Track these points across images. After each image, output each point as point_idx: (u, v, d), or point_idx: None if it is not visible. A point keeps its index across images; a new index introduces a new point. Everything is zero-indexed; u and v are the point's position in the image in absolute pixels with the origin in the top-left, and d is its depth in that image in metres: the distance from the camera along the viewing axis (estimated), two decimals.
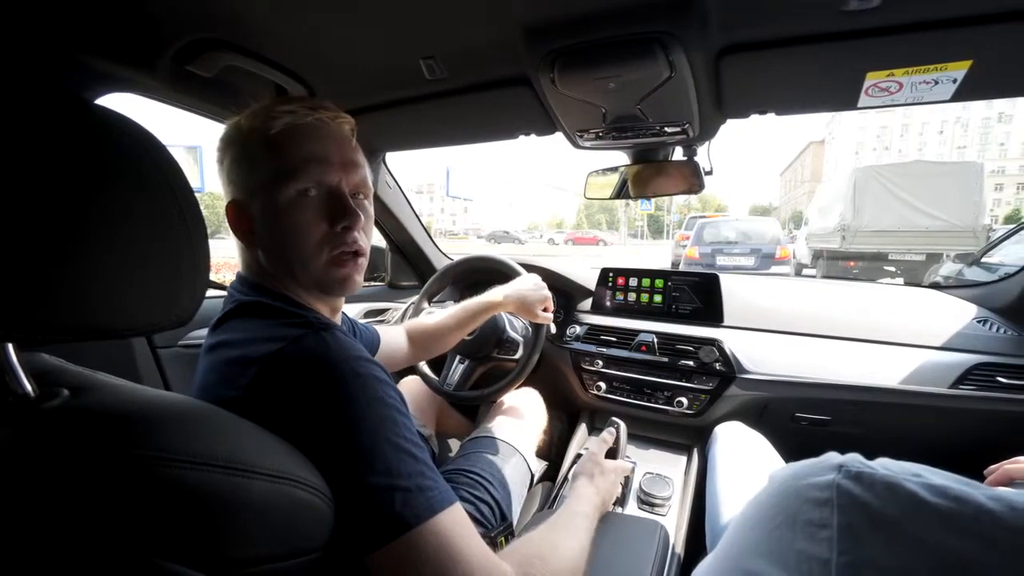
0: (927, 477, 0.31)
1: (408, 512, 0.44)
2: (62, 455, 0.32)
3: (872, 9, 0.61)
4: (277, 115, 0.55)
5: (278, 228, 0.56)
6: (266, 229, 0.57)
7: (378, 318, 1.63)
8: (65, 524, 0.32)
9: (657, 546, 0.84)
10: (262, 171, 0.55)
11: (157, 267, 0.37)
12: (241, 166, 0.57)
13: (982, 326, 1.16)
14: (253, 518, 0.37)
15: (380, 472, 0.45)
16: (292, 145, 0.55)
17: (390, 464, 0.45)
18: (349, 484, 0.44)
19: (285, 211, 0.55)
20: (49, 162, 0.32)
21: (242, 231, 0.58)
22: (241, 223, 0.58)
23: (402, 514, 0.44)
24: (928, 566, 0.28)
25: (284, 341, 0.49)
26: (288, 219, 0.55)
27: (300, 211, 0.55)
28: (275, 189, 0.54)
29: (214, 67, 0.81)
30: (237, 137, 0.57)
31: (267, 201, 0.55)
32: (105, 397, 0.38)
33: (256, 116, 0.57)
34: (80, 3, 0.64)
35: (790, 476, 0.38)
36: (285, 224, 0.55)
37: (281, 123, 0.55)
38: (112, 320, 0.35)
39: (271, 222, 0.56)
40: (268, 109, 0.56)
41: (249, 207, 0.57)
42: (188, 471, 0.34)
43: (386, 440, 0.46)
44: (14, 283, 0.30)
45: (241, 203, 0.57)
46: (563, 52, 0.74)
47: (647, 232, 56.66)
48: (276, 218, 0.55)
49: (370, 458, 0.45)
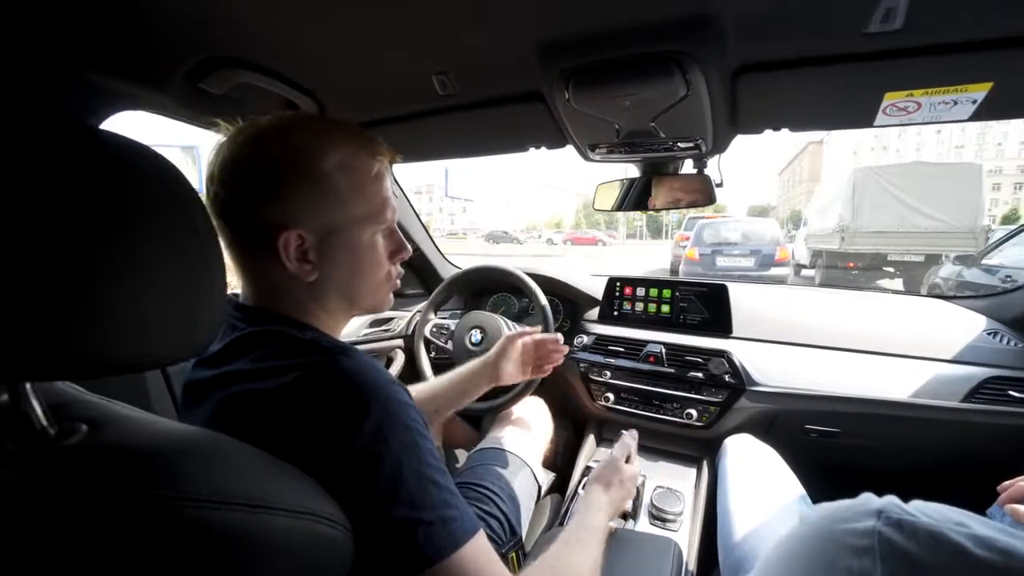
0: (971, 527, 0.31)
1: (431, 547, 0.44)
2: (82, 497, 0.32)
3: (893, 31, 0.61)
4: (370, 155, 0.57)
5: (352, 264, 0.58)
6: (334, 263, 0.56)
7: (383, 327, 1.63)
8: (84, 568, 0.31)
9: (671, 565, 0.83)
10: (352, 210, 0.56)
11: (175, 296, 0.36)
12: (323, 200, 0.54)
13: (993, 338, 1.15)
14: (276, 556, 0.37)
15: (403, 504, 0.44)
16: (375, 189, 0.58)
17: (413, 496, 0.45)
18: (371, 516, 0.44)
19: (366, 248, 0.58)
20: (60, 194, 0.31)
21: (298, 260, 0.54)
22: (297, 253, 0.54)
23: (424, 548, 0.44)
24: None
25: (306, 367, 0.48)
26: (367, 256, 0.59)
27: (377, 249, 0.60)
28: (359, 229, 0.57)
29: (226, 84, 0.80)
30: (313, 170, 0.54)
31: (346, 238, 0.56)
32: (125, 433, 0.38)
33: (330, 151, 0.54)
34: (96, 22, 0.63)
35: (826, 519, 0.37)
36: (362, 260, 0.58)
37: (373, 169, 0.57)
38: (131, 354, 0.34)
39: (345, 257, 0.57)
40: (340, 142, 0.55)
41: (312, 238, 0.54)
42: (212, 511, 0.34)
43: (410, 469, 0.46)
44: (29, 321, 0.30)
45: (301, 234, 0.54)
46: (578, 70, 0.73)
47: (646, 232, 56.69)
48: (353, 254, 0.57)
49: (394, 490, 0.44)
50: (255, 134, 0.54)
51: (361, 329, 1.57)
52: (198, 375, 0.55)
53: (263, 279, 0.57)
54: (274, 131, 0.54)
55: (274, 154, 0.53)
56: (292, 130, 0.55)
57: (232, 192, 0.53)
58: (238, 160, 0.53)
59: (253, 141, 0.54)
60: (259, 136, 0.54)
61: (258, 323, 0.55)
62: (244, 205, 0.53)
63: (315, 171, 0.54)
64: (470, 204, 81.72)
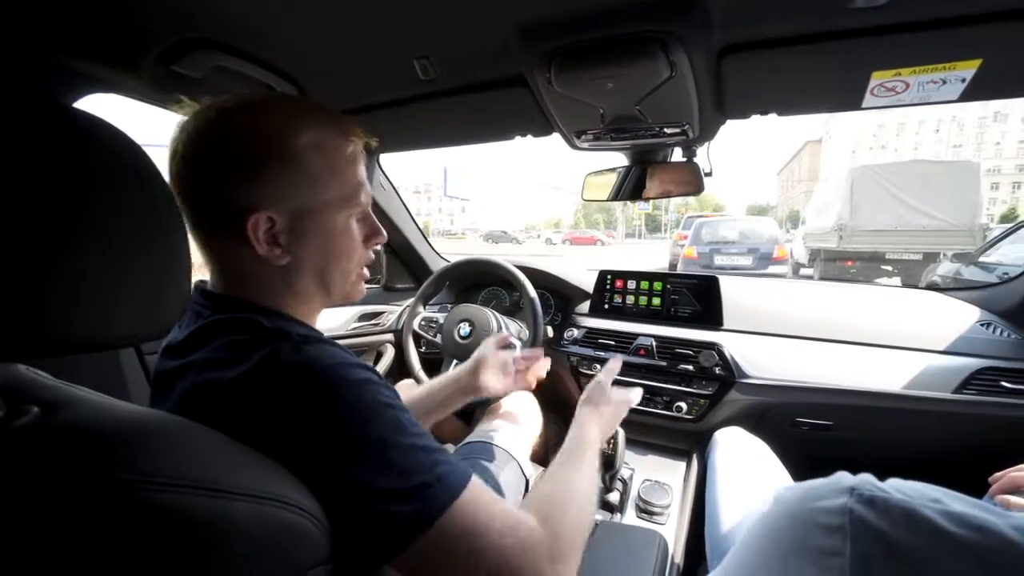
0: (946, 504, 0.30)
1: (430, 507, 0.43)
2: (35, 479, 0.30)
3: (878, 7, 0.59)
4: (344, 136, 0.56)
5: (326, 248, 0.56)
6: (305, 247, 0.54)
7: (373, 321, 1.61)
8: (33, 553, 0.30)
9: (656, 557, 0.82)
10: (326, 192, 0.54)
11: (139, 274, 0.35)
12: (296, 182, 0.52)
13: (985, 330, 1.14)
14: (238, 541, 0.35)
15: (396, 476, 0.43)
16: (350, 171, 0.56)
17: (404, 466, 0.44)
18: (363, 497, 0.42)
19: (339, 233, 0.56)
20: (25, 169, 0.30)
21: (268, 244, 0.52)
22: (267, 236, 0.52)
23: (423, 511, 0.43)
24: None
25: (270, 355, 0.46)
26: (340, 241, 0.57)
27: (350, 234, 0.58)
28: (333, 212, 0.55)
29: (202, 67, 0.78)
30: (285, 150, 0.52)
31: (320, 222, 0.54)
32: (80, 414, 0.36)
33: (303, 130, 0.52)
34: (61, 2, 0.62)
35: (799, 498, 0.36)
36: (335, 245, 0.56)
37: (347, 150, 0.55)
38: (96, 332, 0.33)
39: (318, 241, 0.55)
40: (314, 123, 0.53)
41: (284, 221, 0.52)
42: (173, 495, 0.32)
43: (395, 444, 0.45)
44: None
45: (272, 216, 0.52)
46: (560, 52, 0.72)
47: (644, 231, 56.78)
48: (326, 238, 0.55)
49: (384, 467, 0.44)
50: (223, 111, 0.52)
51: (350, 323, 1.56)
52: (165, 365, 0.53)
53: (230, 263, 0.54)
54: (243, 109, 0.52)
55: (244, 132, 0.51)
56: (263, 108, 0.53)
57: (198, 171, 0.51)
58: (204, 137, 0.51)
59: (221, 118, 0.51)
60: (227, 113, 0.52)
61: (224, 310, 0.52)
62: (211, 185, 0.51)
63: (287, 150, 0.52)
64: (468, 204, 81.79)
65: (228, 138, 0.51)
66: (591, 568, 0.66)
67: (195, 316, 0.54)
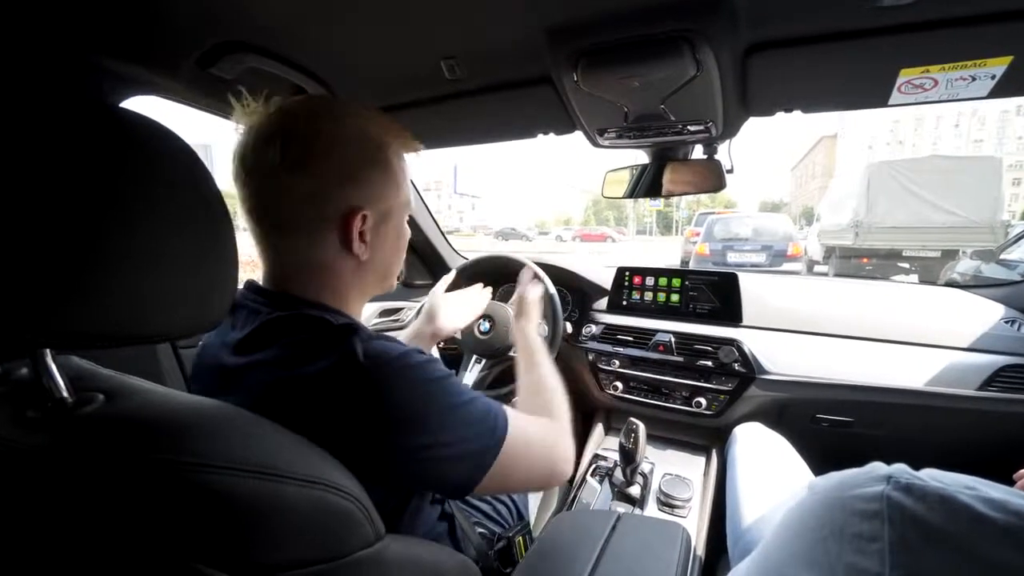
0: (982, 490, 0.31)
1: (499, 435, 0.53)
2: (100, 461, 0.33)
3: (907, 5, 0.59)
4: (410, 148, 0.61)
5: (396, 244, 0.63)
6: (384, 243, 0.60)
7: (392, 317, 1.64)
8: (102, 528, 0.33)
9: (680, 549, 0.83)
10: (402, 196, 0.60)
11: (189, 270, 0.37)
12: (387, 185, 0.57)
13: (1010, 327, 1.13)
14: (284, 523, 0.37)
15: (472, 424, 0.52)
16: (408, 178, 0.62)
17: (475, 415, 0.52)
18: (451, 446, 0.50)
19: (403, 231, 0.64)
20: (79, 169, 0.32)
21: (359, 240, 0.55)
22: (359, 233, 0.55)
23: (493, 439, 0.52)
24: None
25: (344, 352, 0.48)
26: (403, 238, 0.64)
27: (407, 232, 0.65)
28: (401, 213, 0.62)
29: (235, 69, 0.80)
30: (383, 155, 0.56)
31: (395, 221, 0.61)
32: (139, 402, 0.39)
33: (392, 138, 0.57)
34: (109, 8, 0.64)
35: (835, 486, 0.37)
36: (401, 242, 0.64)
37: (409, 159, 0.62)
38: (148, 326, 0.35)
39: (392, 239, 0.61)
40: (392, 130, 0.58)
41: (372, 219, 0.56)
42: (222, 476, 0.35)
43: (462, 404, 0.52)
44: (51, 289, 0.31)
45: (366, 214, 0.55)
46: (587, 52, 0.73)
47: (656, 228, 56.33)
48: (397, 236, 0.62)
49: (462, 420, 0.51)
50: (325, 115, 0.54)
51: (372, 319, 1.59)
52: (227, 361, 0.53)
53: (305, 259, 0.55)
54: (349, 115, 0.55)
55: (354, 137, 0.54)
56: (363, 116, 0.56)
57: (302, 173, 0.52)
58: (309, 140, 0.52)
59: (327, 121, 0.53)
60: (331, 117, 0.54)
61: (285, 307, 0.53)
62: (317, 186, 0.52)
63: (385, 158, 0.57)
64: (479, 201, 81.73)
65: (338, 142, 0.53)
66: (617, 559, 0.67)
67: (251, 313, 0.54)
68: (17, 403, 0.38)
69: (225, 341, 0.55)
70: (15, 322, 0.30)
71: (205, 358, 0.58)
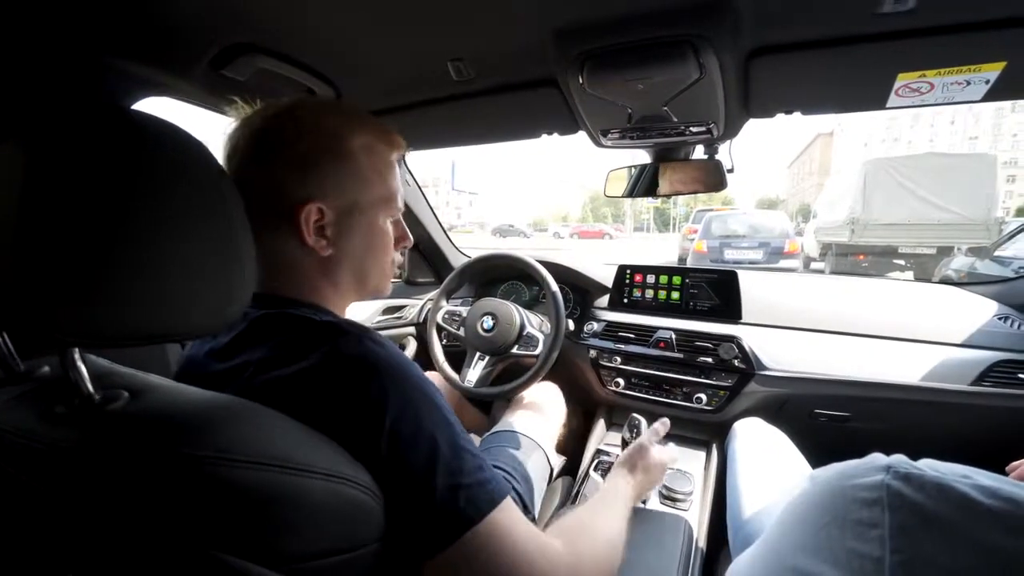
0: (976, 479, 0.32)
1: (472, 508, 0.45)
2: (128, 456, 0.34)
3: (906, 11, 0.61)
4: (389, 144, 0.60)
5: (367, 243, 0.60)
6: (350, 240, 0.58)
7: (395, 315, 1.65)
8: (130, 519, 0.34)
9: (682, 540, 0.85)
10: (371, 192, 0.59)
11: (208, 270, 0.38)
12: (348, 179, 0.57)
13: (1003, 323, 1.16)
14: (308, 515, 0.38)
15: (443, 473, 0.45)
16: (390, 176, 0.61)
17: (451, 465, 0.46)
18: (412, 489, 0.44)
19: (380, 231, 0.61)
20: (101, 172, 0.33)
21: (316, 234, 0.55)
22: (316, 227, 0.55)
23: (466, 511, 0.45)
24: (987, 565, 0.30)
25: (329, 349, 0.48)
26: (380, 238, 0.62)
27: (388, 233, 0.63)
28: (377, 211, 0.60)
29: (247, 71, 0.82)
30: (342, 148, 0.56)
31: (363, 218, 0.59)
32: (163, 399, 0.40)
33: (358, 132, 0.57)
34: (124, 9, 0.65)
35: (835, 476, 0.39)
36: (374, 242, 0.61)
37: (391, 157, 0.61)
38: (169, 325, 0.37)
39: (360, 236, 0.59)
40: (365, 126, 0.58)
41: (332, 214, 0.56)
42: (245, 470, 0.36)
43: (444, 441, 0.47)
44: (79, 290, 0.32)
45: (321, 208, 0.55)
46: (593, 54, 0.74)
47: (653, 225, 56.37)
48: (367, 234, 0.60)
49: (433, 462, 0.45)
50: (287, 110, 0.56)
51: (374, 317, 1.60)
52: (209, 368, 0.54)
53: (273, 256, 0.55)
54: (306, 109, 0.56)
55: (308, 130, 0.55)
56: (323, 110, 0.57)
57: (261, 165, 0.54)
58: (271, 134, 0.55)
59: (287, 116, 0.55)
60: (290, 112, 0.56)
61: (268, 307, 0.54)
62: (271, 177, 0.54)
63: (344, 149, 0.56)
64: (476, 198, 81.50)
65: (293, 134, 0.54)
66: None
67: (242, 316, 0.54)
68: (44, 400, 0.39)
69: (212, 348, 0.56)
70: (47, 321, 0.32)
71: (189, 368, 0.57)
